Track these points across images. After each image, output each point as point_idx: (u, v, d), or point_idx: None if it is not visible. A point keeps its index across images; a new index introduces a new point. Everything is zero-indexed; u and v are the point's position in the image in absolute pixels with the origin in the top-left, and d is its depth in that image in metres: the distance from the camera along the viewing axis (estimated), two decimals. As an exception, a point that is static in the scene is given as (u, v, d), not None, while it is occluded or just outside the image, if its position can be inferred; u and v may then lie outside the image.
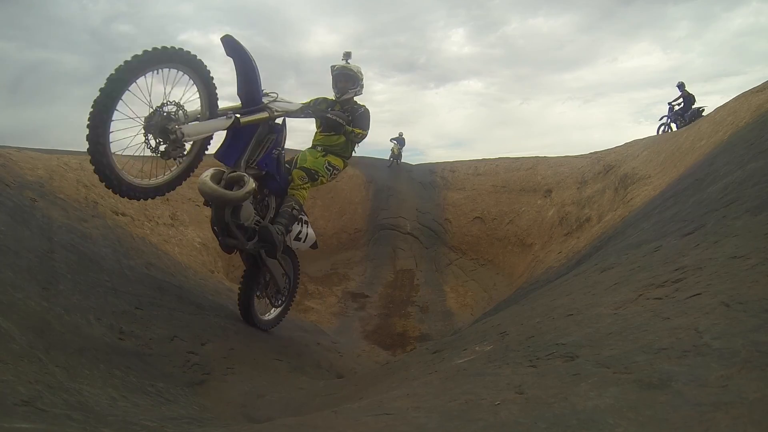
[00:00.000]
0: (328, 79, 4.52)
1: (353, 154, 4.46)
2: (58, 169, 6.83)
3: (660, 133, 11.78)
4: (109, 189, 2.68)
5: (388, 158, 16.95)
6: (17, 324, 2.34)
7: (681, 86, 11.49)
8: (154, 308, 4.30)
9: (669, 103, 11.53)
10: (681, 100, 11.41)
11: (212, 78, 2.99)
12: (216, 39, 3.50)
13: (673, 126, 11.40)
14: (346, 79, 4.21)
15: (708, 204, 3.31)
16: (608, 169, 10.69)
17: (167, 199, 8.46)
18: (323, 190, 12.92)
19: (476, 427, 1.16)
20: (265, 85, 3.50)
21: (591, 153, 13.21)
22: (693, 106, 11.12)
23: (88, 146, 2.43)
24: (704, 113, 10.55)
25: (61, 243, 4.32)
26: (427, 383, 1.88)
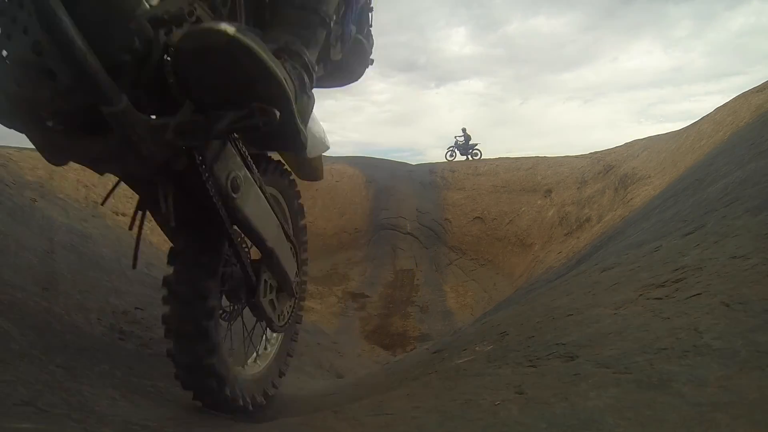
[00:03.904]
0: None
1: None
2: (58, 169, 6.83)
3: (447, 157, 16.84)
4: None
5: None
6: (17, 324, 2.34)
7: (464, 130, 16.61)
8: (154, 308, 4.30)
9: (455, 137, 16.73)
10: (463, 136, 16.55)
11: None
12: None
13: (457, 152, 16.65)
14: None
15: (708, 204, 3.31)
16: (608, 169, 10.70)
17: (167, 199, 8.45)
18: (323, 190, 12.90)
19: (476, 427, 1.16)
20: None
21: (591, 153, 13.22)
22: (470, 142, 16.50)
23: None
24: (478, 146, 16.39)
25: (61, 243, 4.32)
26: (427, 383, 1.88)
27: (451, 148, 16.99)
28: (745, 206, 2.55)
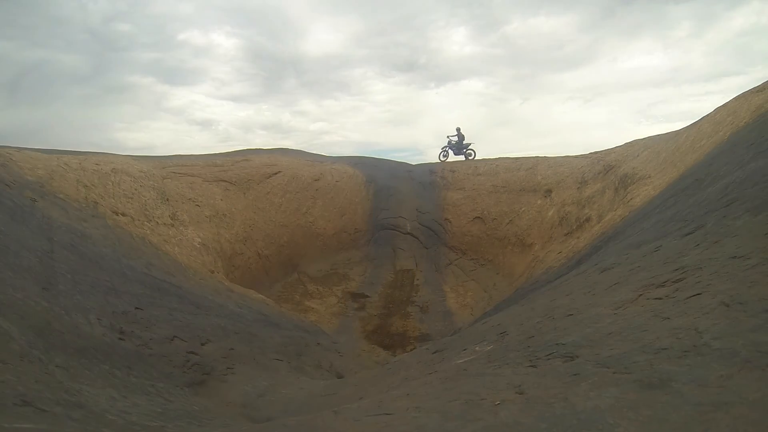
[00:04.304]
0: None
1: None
2: (58, 169, 6.82)
3: (440, 157, 16.90)
4: None
5: None
6: (17, 324, 2.34)
7: (458, 129, 16.88)
8: (154, 308, 4.30)
9: (448, 137, 16.91)
10: (457, 136, 16.70)
11: None
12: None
13: (450, 152, 16.85)
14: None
15: (708, 204, 3.31)
16: (608, 169, 10.69)
17: (167, 199, 8.45)
18: (323, 190, 12.90)
19: (476, 427, 1.16)
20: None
21: (591, 153, 13.18)
22: (464, 142, 16.76)
23: None
24: (471, 145, 16.76)
25: (61, 243, 4.32)
26: (427, 383, 1.88)
27: (444, 149, 17.01)
28: (745, 206, 2.55)
